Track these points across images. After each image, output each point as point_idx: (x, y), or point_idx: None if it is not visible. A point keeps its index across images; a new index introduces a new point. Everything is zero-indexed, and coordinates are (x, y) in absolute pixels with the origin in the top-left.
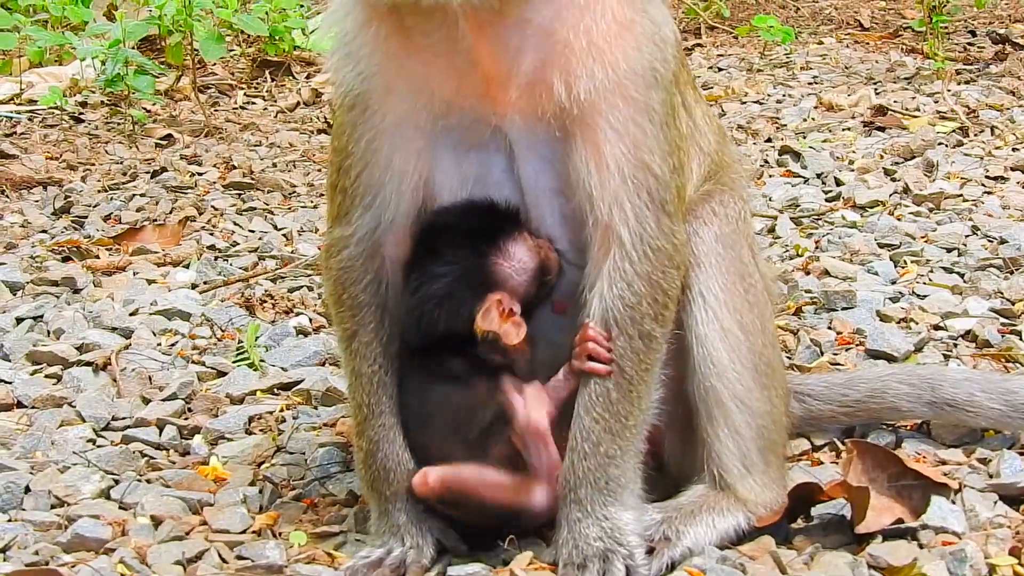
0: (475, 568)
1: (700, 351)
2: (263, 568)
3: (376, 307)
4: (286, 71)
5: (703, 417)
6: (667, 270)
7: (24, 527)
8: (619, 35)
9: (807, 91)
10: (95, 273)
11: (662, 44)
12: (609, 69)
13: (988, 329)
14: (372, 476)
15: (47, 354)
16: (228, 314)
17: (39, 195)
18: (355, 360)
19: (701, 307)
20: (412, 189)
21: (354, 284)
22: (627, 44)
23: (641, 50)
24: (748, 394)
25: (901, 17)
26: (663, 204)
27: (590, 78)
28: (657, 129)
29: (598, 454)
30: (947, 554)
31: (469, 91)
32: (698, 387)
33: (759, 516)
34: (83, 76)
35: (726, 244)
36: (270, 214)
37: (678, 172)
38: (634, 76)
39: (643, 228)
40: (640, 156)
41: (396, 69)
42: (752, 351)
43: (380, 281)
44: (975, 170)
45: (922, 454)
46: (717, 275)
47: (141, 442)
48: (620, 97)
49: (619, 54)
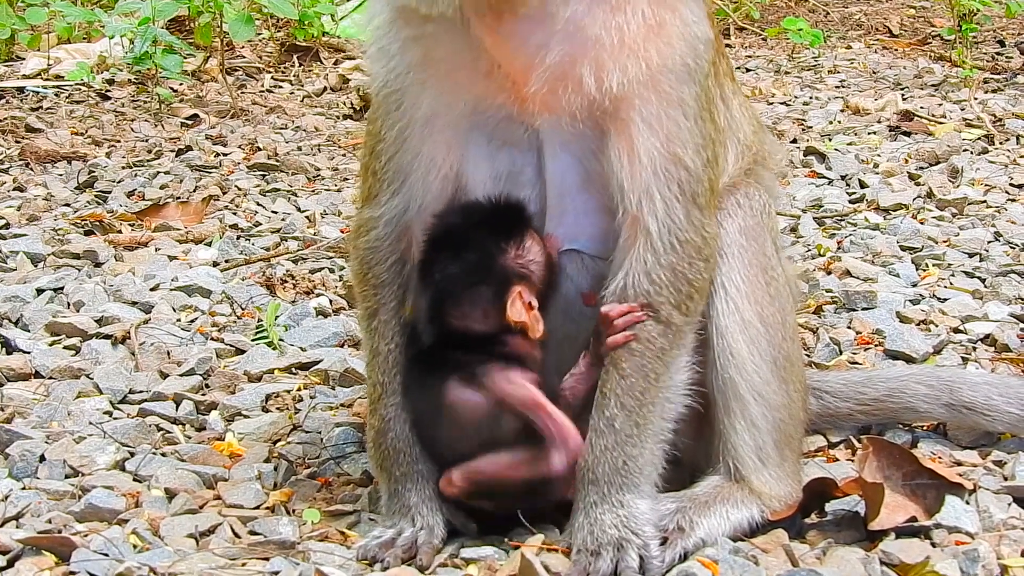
0: (487, 551)
1: (720, 342)
2: (275, 544)
3: (398, 287)
4: (314, 56)
5: (720, 408)
6: (694, 261)
7: (38, 495)
8: (651, 33)
9: (834, 94)
10: (117, 248)
11: (694, 41)
12: (642, 63)
13: (1008, 333)
14: (382, 456)
15: (66, 325)
16: (248, 292)
17: (63, 169)
18: (374, 338)
19: (723, 298)
20: (441, 179)
21: (379, 264)
22: (660, 41)
23: (674, 46)
24: (766, 387)
25: (930, 25)
26: (694, 197)
27: (622, 72)
28: (691, 123)
29: (613, 432)
30: (960, 553)
31: (496, 89)
32: (716, 378)
33: (773, 510)
34: (111, 54)
35: (749, 236)
36: (294, 196)
37: (711, 165)
38: (666, 71)
39: (671, 220)
40: (672, 149)
41: (424, 68)
42: (772, 344)
43: (404, 263)
44: (999, 177)
45: (937, 454)
46: (740, 267)
47: (157, 416)
48: (653, 91)
49: (652, 50)
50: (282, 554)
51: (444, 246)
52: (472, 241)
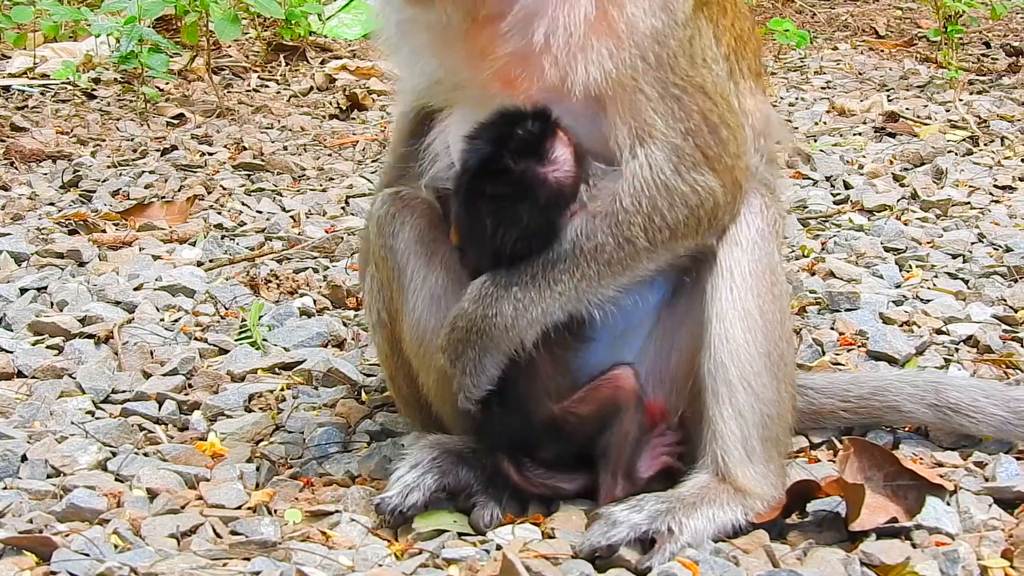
0: (469, 551)
1: (718, 326)
2: (257, 544)
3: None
4: (300, 56)
5: (709, 394)
6: (676, 205)
7: (19, 495)
8: (601, 26)
9: (820, 95)
10: (101, 247)
11: (653, 32)
12: (623, 38)
13: (990, 335)
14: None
15: (50, 325)
16: (232, 292)
17: (48, 168)
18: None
19: (728, 282)
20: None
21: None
22: (611, 38)
23: (650, 14)
24: (757, 378)
25: (916, 26)
26: (682, 156)
27: (585, 66)
28: (664, 103)
29: (508, 296)
30: (940, 554)
31: (480, 72)
32: (709, 360)
33: (757, 512)
34: (97, 52)
35: (764, 237)
36: (278, 196)
37: (713, 130)
38: (645, 38)
39: (657, 165)
40: (657, 119)
41: (416, 45)
42: (768, 339)
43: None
44: (983, 179)
45: (919, 455)
46: (751, 259)
47: (140, 415)
48: (640, 60)
49: (604, 45)
50: (264, 554)
51: (484, 173)
52: (511, 166)
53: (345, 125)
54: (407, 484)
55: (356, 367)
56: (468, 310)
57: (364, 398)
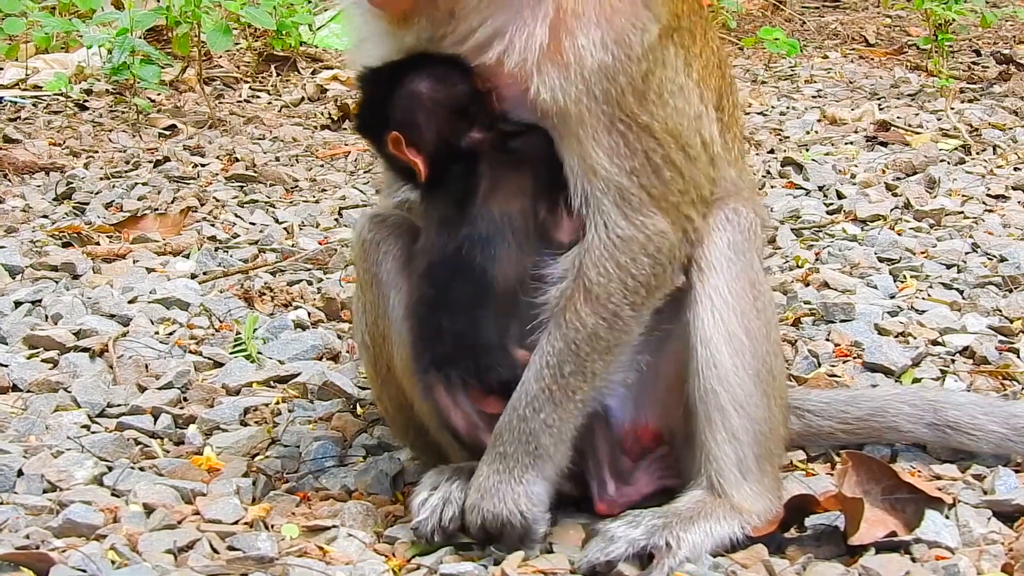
0: (468, 567)
1: (704, 352)
2: (254, 560)
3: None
4: (292, 66)
5: (702, 420)
6: (637, 257)
7: (15, 510)
8: (554, 52)
9: (811, 104)
10: (95, 259)
11: (628, 44)
12: (571, 70)
13: (986, 346)
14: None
15: (44, 338)
16: (227, 305)
17: (41, 180)
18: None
19: (708, 309)
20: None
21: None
22: (584, 41)
23: (600, 49)
24: (748, 400)
25: (906, 35)
26: (626, 198)
27: (540, 86)
28: (611, 136)
29: (537, 420)
30: (940, 568)
31: None
32: (698, 388)
33: (754, 526)
34: (89, 64)
35: (738, 251)
36: (272, 207)
37: (656, 170)
38: (593, 73)
39: (608, 218)
40: (601, 154)
41: (385, 55)
42: (756, 357)
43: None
44: (976, 188)
45: (917, 468)
46: (727, 279)
47: (135, 430)
48: (584, 95)
49: (573, 56)
50: (261, 570)
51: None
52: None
53: (337, 136)
54: (434, 506)
55: (351, 380)
56: (510, 452)
57: (360, 411)
